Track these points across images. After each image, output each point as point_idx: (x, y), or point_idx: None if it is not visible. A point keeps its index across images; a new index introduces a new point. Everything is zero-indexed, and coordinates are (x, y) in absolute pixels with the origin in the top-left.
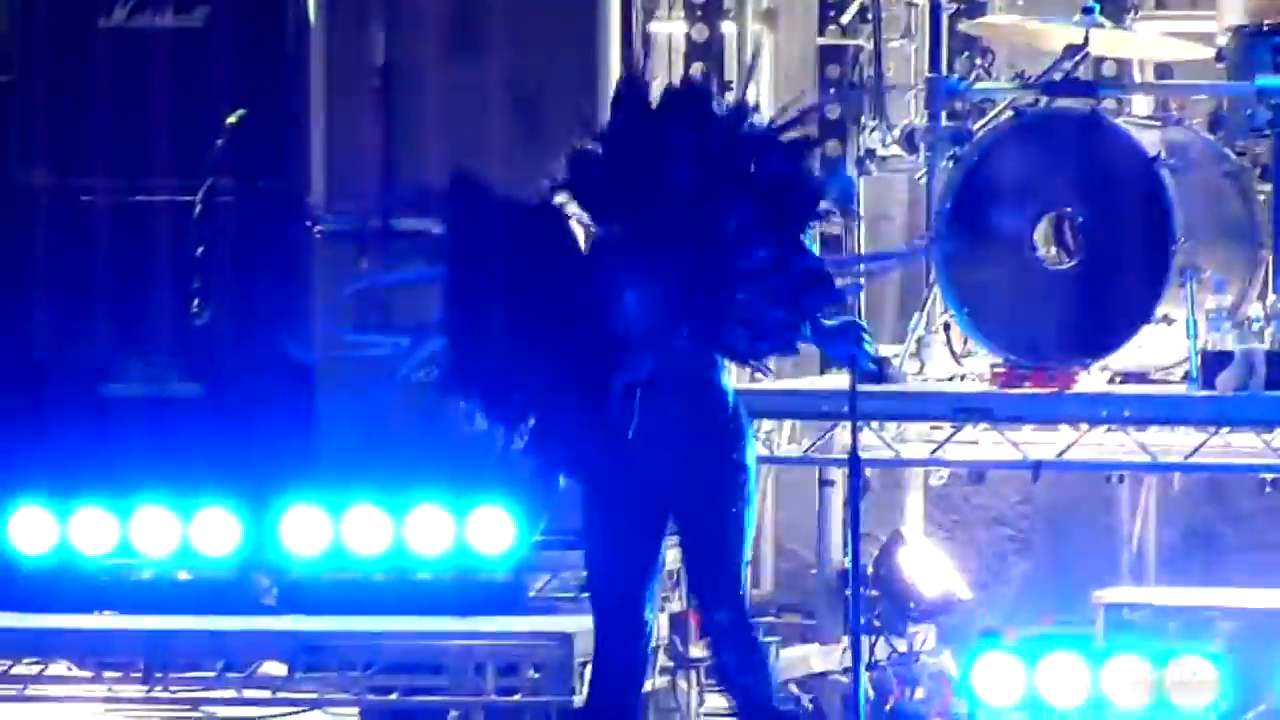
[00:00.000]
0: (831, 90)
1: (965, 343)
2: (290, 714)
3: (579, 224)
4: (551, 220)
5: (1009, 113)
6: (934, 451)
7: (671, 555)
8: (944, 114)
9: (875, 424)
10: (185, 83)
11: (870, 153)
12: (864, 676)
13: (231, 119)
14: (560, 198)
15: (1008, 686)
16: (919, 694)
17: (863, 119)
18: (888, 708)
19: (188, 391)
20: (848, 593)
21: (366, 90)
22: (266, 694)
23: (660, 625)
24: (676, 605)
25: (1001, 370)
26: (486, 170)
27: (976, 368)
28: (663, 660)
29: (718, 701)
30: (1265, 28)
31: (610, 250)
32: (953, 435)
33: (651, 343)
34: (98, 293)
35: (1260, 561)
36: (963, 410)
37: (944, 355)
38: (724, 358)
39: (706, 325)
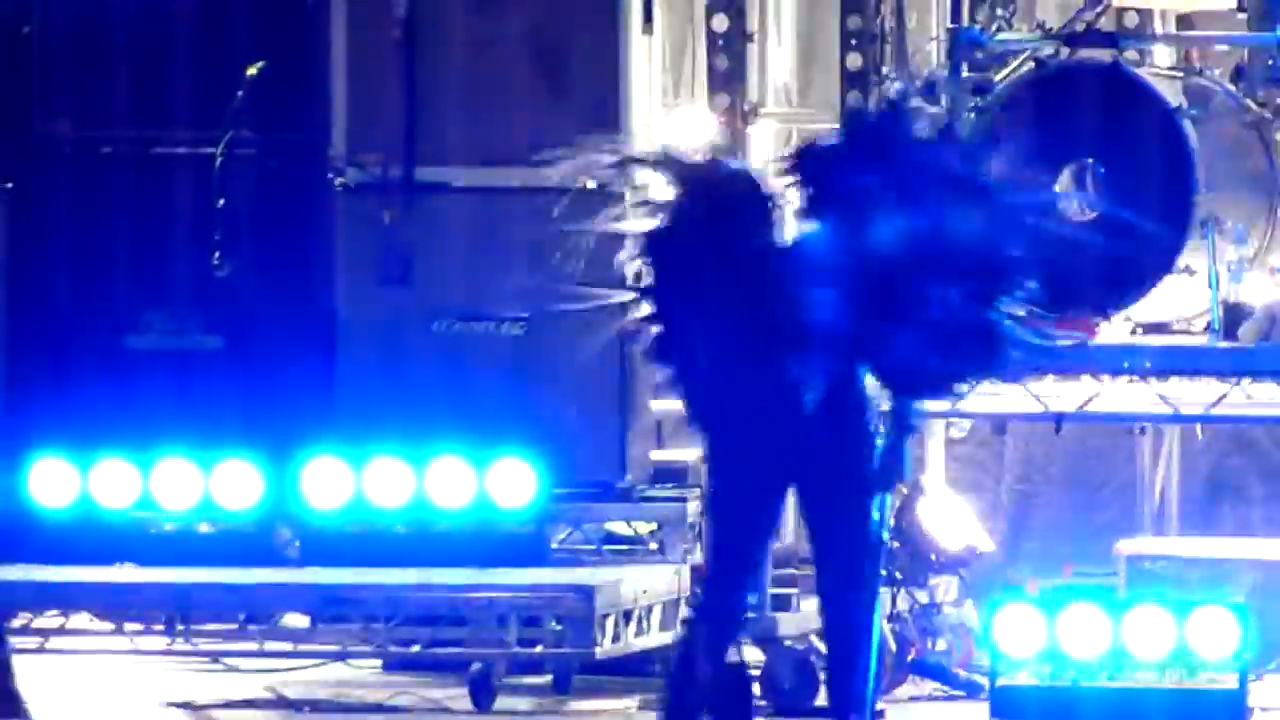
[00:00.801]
0: (853, 41)
1: None
2: (312, 666)
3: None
4: (763, 201)
5: (1030, 64)
6: (955, 403)
7: (691, 507)
8: (965, 65)
9: None
10: (206, 34)
11: (891, 103)
12: (885, 627)
13: (251, 70)
14: (783, 181)
15: (1029, 638)
16: (940, 645)
17: (884, 69)
18: (909, 659)
19: (209, 344)
20: None
21: (389, 42)
22: (288, 646)
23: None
24: (697, 556)
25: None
26: (507, 121)
27: None
28: (683, 611)
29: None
30: None
31: (816, 247)
32: (974, 386)
33: (827, 345)
34: (119, 245)
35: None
36: None
37: None
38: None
39: (875, 350)
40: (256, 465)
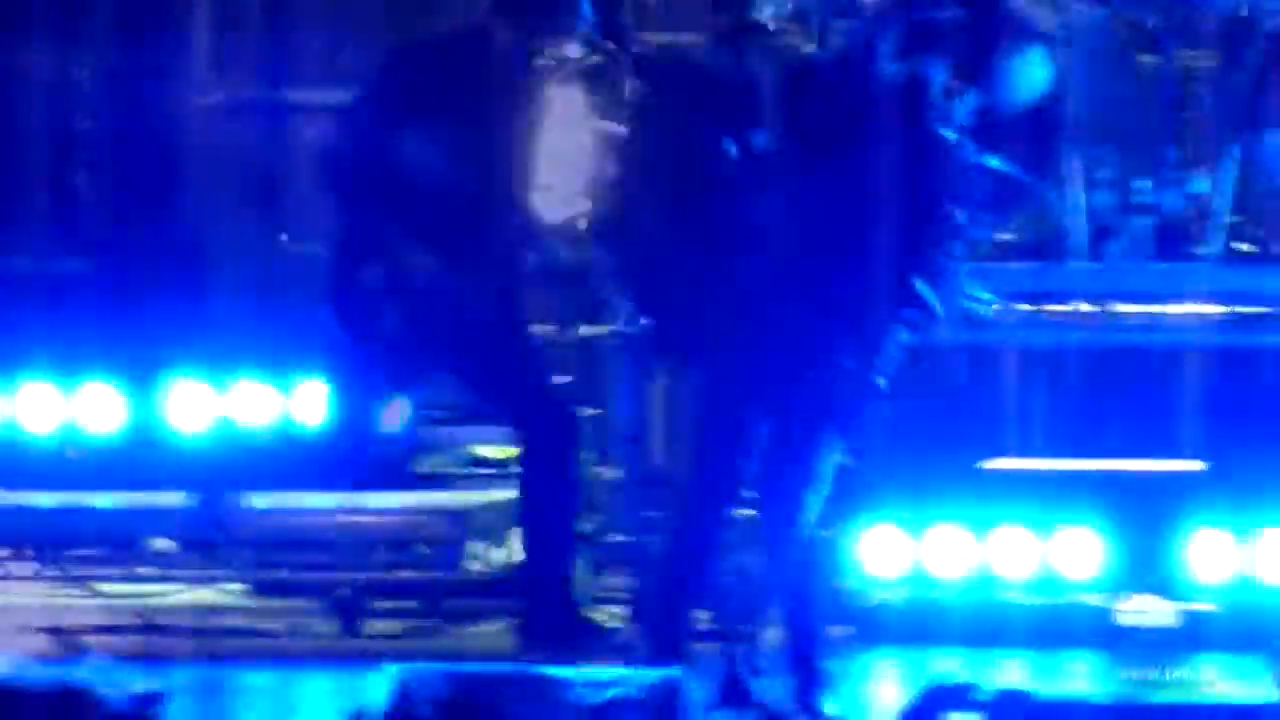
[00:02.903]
0: None
1: None
2: (180, 591)
3: None
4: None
5: None
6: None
7: None
8: None
9: None
10: None
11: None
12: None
13: None
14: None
15: (894, 559)
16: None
17: None
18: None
19: (72, 267)
20: None
21: None
22: (156, 571)
23: None
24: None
25: None
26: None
27: None
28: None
29: (612, 581)
30: None
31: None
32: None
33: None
34: None
35: (1145, 433)
36: None
37: None
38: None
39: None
40: (119, 388)
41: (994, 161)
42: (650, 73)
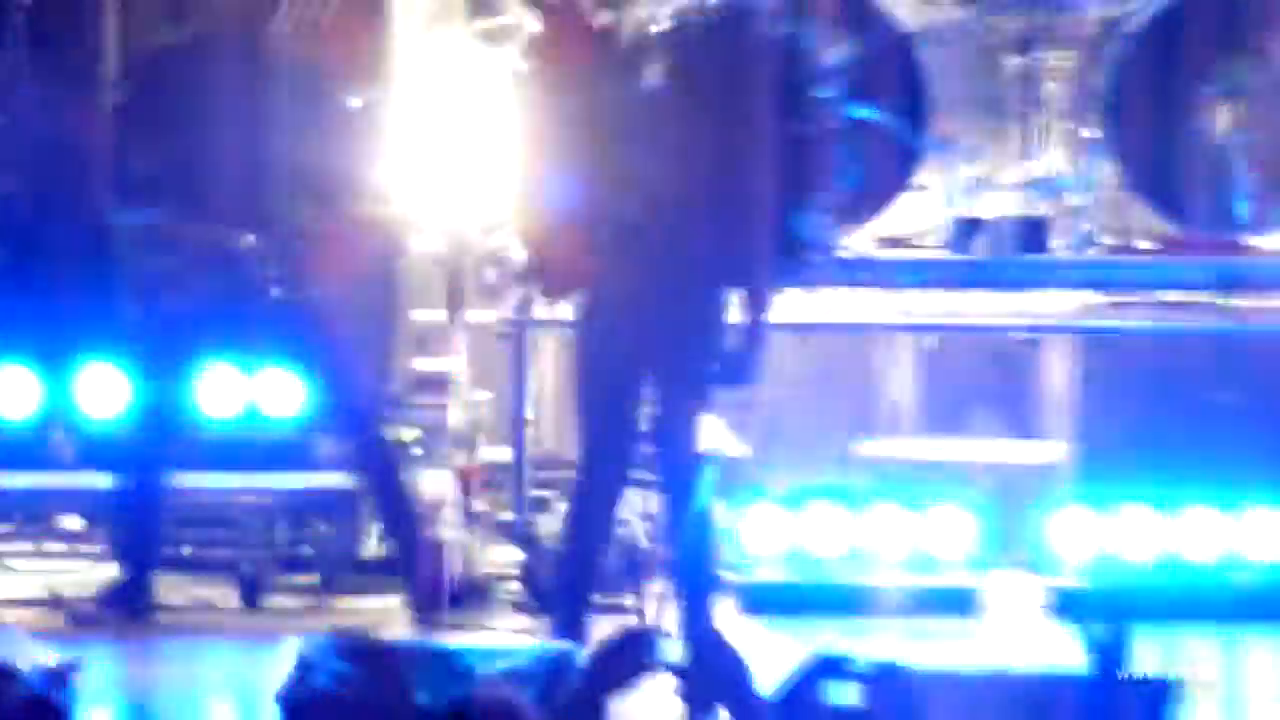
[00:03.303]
0: None
1: None
2: (87, 567)
3: None
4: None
5: None
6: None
7: (451, 415)
8: None
9: None
10: None
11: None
12: (639, 528)
13: None
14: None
15: (773, 537)
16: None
17: None
18: (661, 557)
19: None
20: None
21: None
22: (63, 547)
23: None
24: (458, 460)
25: None
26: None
27: None
28: (452, 516)
29: (504, 553)
30: None
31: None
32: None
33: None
34: None
35: (1015, 414)
36: None
37: None
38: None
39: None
40: (33, 371)
41: (866, 112)
42: (542, 35)
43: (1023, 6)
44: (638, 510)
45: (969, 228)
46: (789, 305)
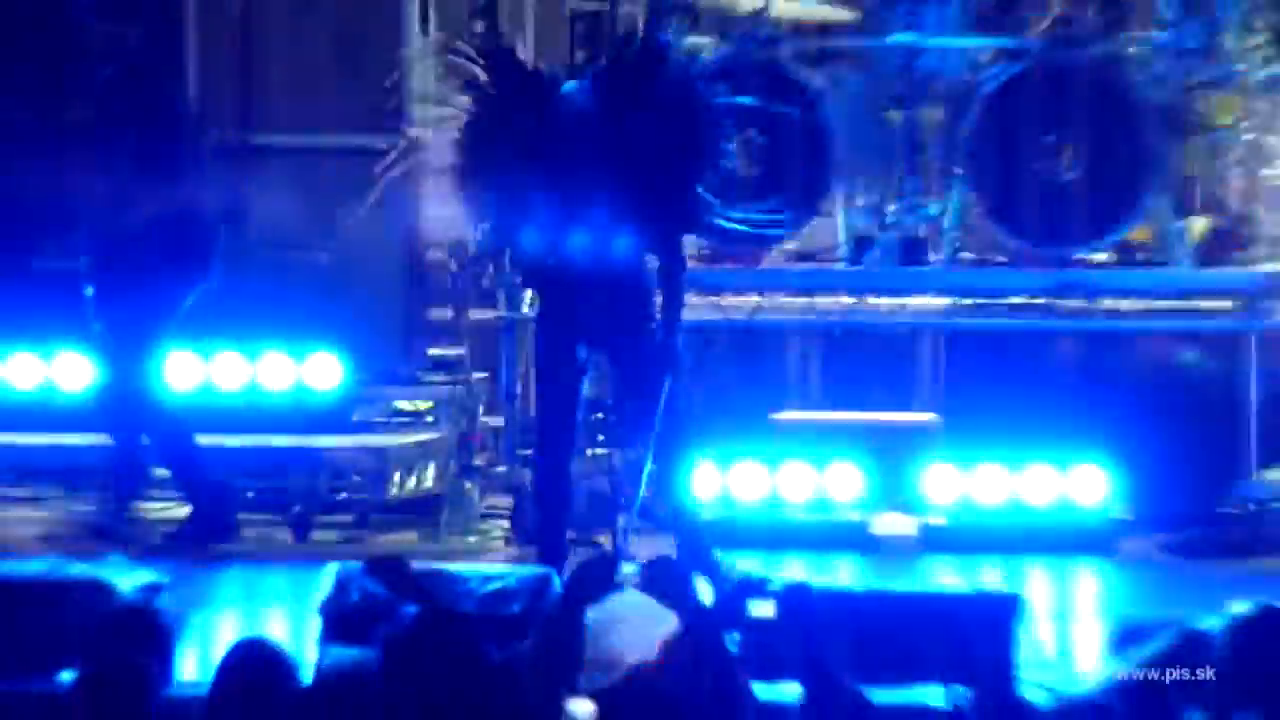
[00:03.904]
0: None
1: None
2: (172, 508)
3: None
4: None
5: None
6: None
7: (458, 390)
8: None
9: None
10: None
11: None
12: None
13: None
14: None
15: (709, 486)
16: (642, 492)
17: None
18: (623, 501)
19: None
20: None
21: (228, 37)
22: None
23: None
24: (462, 427)
25: (706, 252)
26: (316, 99)
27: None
28: (453, 468)
29: (495, 500)
30: None
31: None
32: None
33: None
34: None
35: (897, 390)
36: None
37: None
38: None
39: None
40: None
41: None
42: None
43: (905, 73)
44: (604, 466)
45: (863, 245)
46: (727, 309)
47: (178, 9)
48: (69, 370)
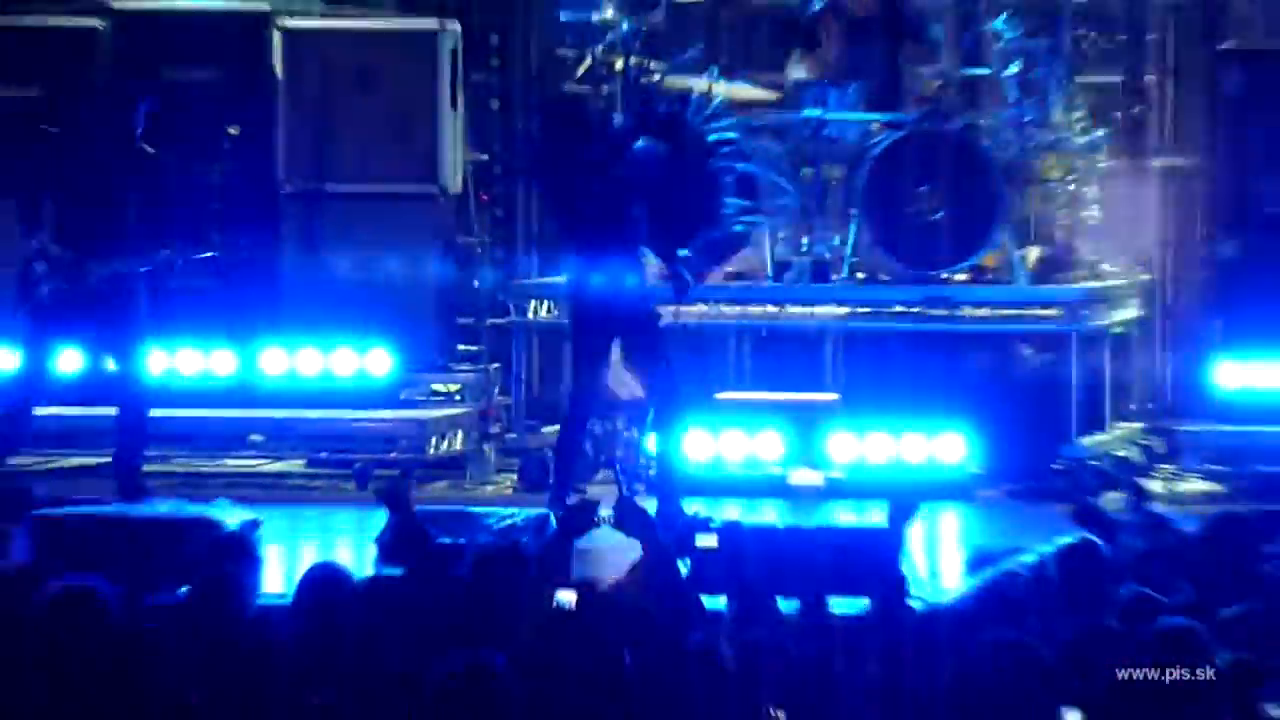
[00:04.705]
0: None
1: None
2: (268, 464)
3: None
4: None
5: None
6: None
7: (480, 377)
8: None
9: None
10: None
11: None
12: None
13: (232, 130)
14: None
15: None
16: (619, 452)
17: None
18: (603, 459)
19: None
20: None
21: (311, 109)
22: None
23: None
24: (482, 404)
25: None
26: (369, 157)
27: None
28: (475, 435)
29: (506, 460)
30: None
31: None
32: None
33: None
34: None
35: (809, 375)
36: None
37: None
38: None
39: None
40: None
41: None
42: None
43: (814, 139)
44: (594, 432)
45: (783, 268)
46: (681, 315)
47: (272, 101)
48: (220, 361)
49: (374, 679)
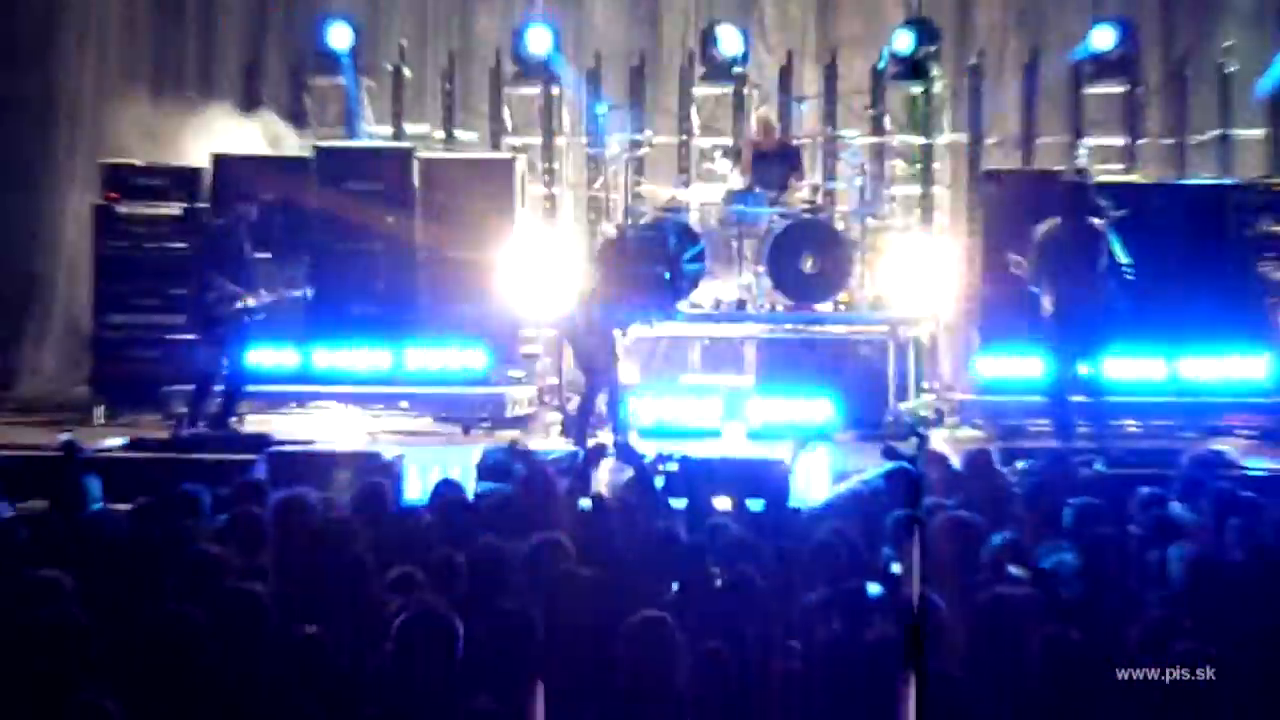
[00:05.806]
0: None
1: None
2: (398, 415)
3: None
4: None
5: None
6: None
7: (535, 366)
8: None
9: None
10: None
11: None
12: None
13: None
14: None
15: (641, 412)
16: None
17: None
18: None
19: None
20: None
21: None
22: (400, 413)
23: None
24: (539, 382)
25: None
26: None
27: None
28: (535, 402)
29: (555, 417)
30: (767, 153)
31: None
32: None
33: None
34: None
35: (735, 364)
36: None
37: None
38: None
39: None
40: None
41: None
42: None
43: (739, 223)
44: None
45: (718, 301)
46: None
47: (413, 202)
48: (381, 357)
49: (478, 547)
